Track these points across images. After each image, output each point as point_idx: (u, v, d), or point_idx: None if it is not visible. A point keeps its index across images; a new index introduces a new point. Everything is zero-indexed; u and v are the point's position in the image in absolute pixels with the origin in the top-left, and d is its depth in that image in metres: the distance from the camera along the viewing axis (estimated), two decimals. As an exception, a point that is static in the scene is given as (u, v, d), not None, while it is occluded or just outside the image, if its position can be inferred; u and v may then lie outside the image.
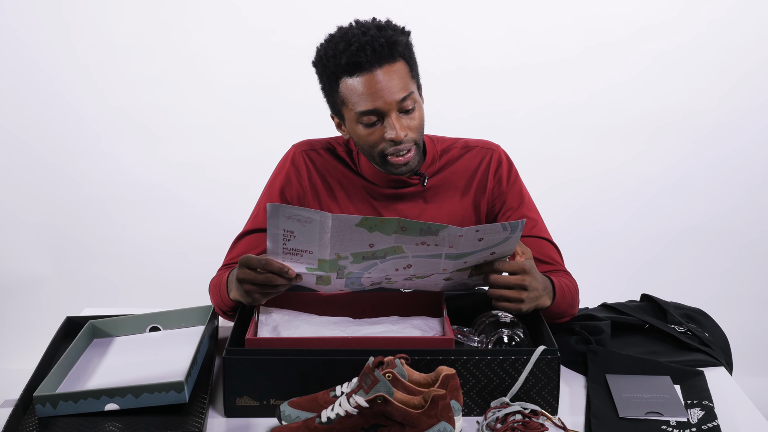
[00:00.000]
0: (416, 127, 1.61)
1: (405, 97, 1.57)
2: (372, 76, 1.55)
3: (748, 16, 3.12)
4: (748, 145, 3.21)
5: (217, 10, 3.13)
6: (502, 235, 1.40)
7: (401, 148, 1.60)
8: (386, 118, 1.57)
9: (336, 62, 1.56)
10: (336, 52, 1.56)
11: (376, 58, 1.54)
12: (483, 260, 1.46)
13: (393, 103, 1.56)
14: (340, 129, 1.70)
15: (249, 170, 2.91)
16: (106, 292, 3.26)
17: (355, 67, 1.55)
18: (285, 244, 1.38)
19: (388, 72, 1.55)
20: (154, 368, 1.48)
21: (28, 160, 3.20)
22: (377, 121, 1.58)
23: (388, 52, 1.55)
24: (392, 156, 1.61)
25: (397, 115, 1.58)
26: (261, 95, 3.18)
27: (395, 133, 1.57)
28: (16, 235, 3.24)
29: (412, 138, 1.61)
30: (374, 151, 1.62)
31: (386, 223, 1.35)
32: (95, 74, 3.16)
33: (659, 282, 3.13)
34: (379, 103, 1.56)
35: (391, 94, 1.55)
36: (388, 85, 1.55)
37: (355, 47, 1.54)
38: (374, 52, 1.53)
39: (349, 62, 1.54)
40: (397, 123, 1.57)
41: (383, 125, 1.58)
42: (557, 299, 1.57)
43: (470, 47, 3.14)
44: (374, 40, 1.54)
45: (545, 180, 3.11)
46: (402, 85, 1.57)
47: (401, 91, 1.56)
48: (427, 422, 1.22)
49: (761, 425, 1.38)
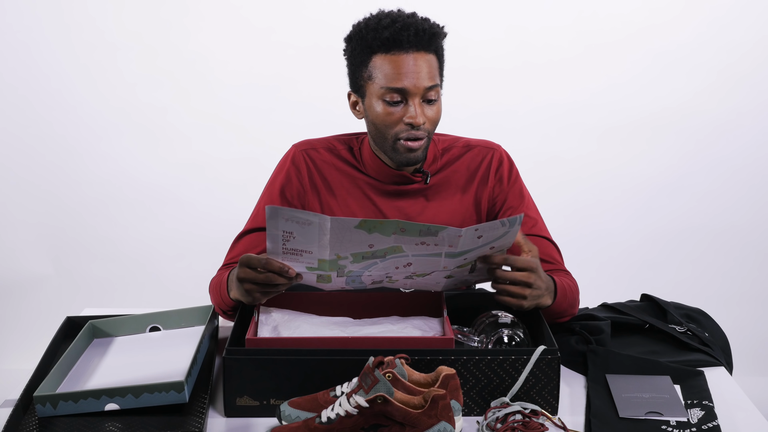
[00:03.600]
0: (433, 119, 1.64)
1: (431, 87, 1.61)
2: (406, 56, 1.59)
3: (748, 16, 3.13)
4: (748, 145, 3.21)
5: (217, 10, 3.13)
6: (501, 230, 1.41)
7: (417, 134, 1.62)
8: (409, 101, 1.61)
9: (377, 35, 1.60)
10: (379, 26, 1.60)
11: (416, 41, 1.58)
12: (483, 254, 1.46)
13: (421, 88, 1.60)
14: (354, 109, 1.72)
15: (249, 170, 2.92)
16: (106, 292, 3.26)
17: (394, 44, 1.58)
18: (285, 245, 1.39)
19: (422, 58, 1.60)
20: (154, 368, 1.48)
21: (28, 160, 3.20)
22: (400, 101, 1.61)
23: (428, 41, 1.60)
24: (405, 140, 1.63)
25: (420, 101, 1.61)
26: (261, 95, 3.18)
27: (416, 116, 1.60)
28: (16, 235, 3.24)
29: (427, 129, 1.64)
30: (389, 132, 1.64)
31: (385, 225, 1.35)
32: (95, 74, 3.16)
33: (659, 282, 3.13)
34: (408, 84, 1.59)
35: (421, 79, 1.59)
36: (420, 69, 1.59)
37: (400, 25, 1.58)
38: (416, 35, 1.58)
39: (390, 37, 1.58)
40: (419, 108, 1.61)
41: (405, 107, 1.61)
42: (558, 299, 1.57)
43: (470, 47, 3.14)
44: (419, 25, 1.59)
45: (545, 180, 3.11)
46: (431, 74, 1.61)
47: (429, 80, 1.60)
48: (427, 422, 1.22)
49: (761, 425, 1.38)
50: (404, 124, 1.61)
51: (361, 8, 1.67)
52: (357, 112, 1.71)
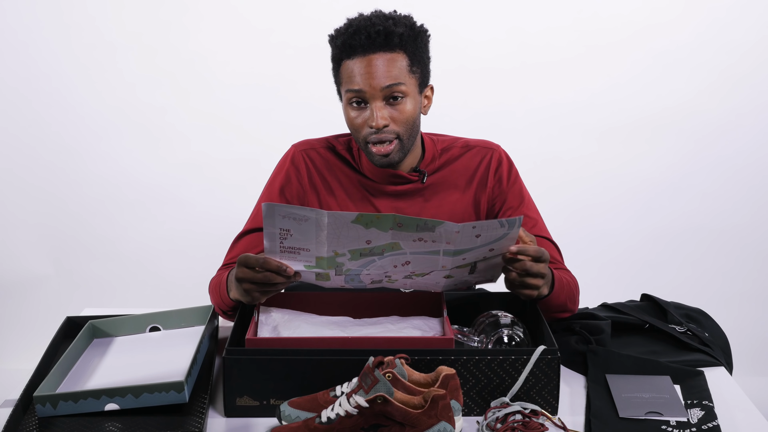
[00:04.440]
0: (401, 120, 1.63)
1: (391, 85, 1.59)
2: (364, 59, 1.59)
3: (748, 16, 3.13)
4: (748, 145, 3.21)
5: (217, 10, 3.13)
6: (500, 231, 1.40)
7: (382, 137, 1.62)
8: (370, 103, 1.61)
9: (335, 43, 1.63)
10: (338, 33, 1.63)
11: (369, 43, 1.58)
12: (482, 257, 1.46)
13: (377, 88, 1.59)
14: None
15: (248, 170, 2.91)
16: (106, 292, 3.26)
17: (350, 49, 1.60)
18: (282, 243, 1.39)
19: (381, 59, 1.59)
20: (154, 368, 1.48)
21: (28, 160, 3.20)
22: (363, 105, 1.62)
23: (384, 41, 1.59)
24: (373, 144, 1.64)
25: (381, 104, 1.61)
26: (261, 95, 3.18)
27: (374, 119, 1.60)
28: (16, 235, 3.24)
29: (394, 130, 1.63)
30: (359, 137, 1.66)
31: (382, 220, 1.35)
32: (95, 74, 3.16)
33: (660, 282, 3.13)
34: (363, 85, 1.59)
35: (376, 79, 1.59)
36: (375, 70, 1.59)
37: (353, 30, 1.59)
38: (368, 37, 1.58)
39: (344, 43, 1.60)
40: (378, 111, 1.60)
41: (368, 110, 1.61)
42: (556, 290, 1.56)
43: (470, 47, 3.14)
44: (372, 27, 1.59)
45: (545, 180, 3.11)
46: (390, 74, 1.59)
47: (387, 79, 1.59)
48: (427, 422, 1.22)
49: (761, 425, 1.38)
50: (368, 127, 1.62)
51: (361, 8, 1.67)
52: None
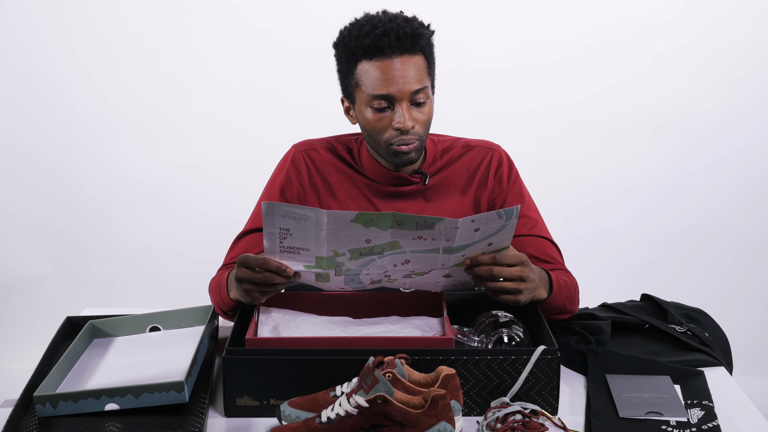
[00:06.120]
0: (424, 122, 1.63)
1: (419, 90, 1.59)
2: (391, 62, 1.57)
3: (748, 16, 3.13)
4: (748, 145, 3.21)
5: (218, 10, 3.13)
6: (498, 223, 1.40)
7: (407, 139, 1.62)
8: (396, 106, 1.60)
9: (358, 43, 1.59)
10: (360, 33, 1.59)
11: (398, 45, 1.57)
12: (481, 251, 1.46)
13: (407, 92, 1.58)
14: (348, 115, 1.72)
15: (249, 170, 2.91)
16: (106, 292, 3.26)
17: (376, 51, 1.57)
18: (282, 243, 1.39)
19: (407, 62, 1.58)
20: (154, 368, 1.48)
21: (28, 160, 3.20)
22: (387, 107, 1.61)
23: (411, 43, 1.58)
24: (397, 145, 1.62)
25: (408, 106, 1.60)
26: (261, 95, 3.18)
27: (403, 122, 1.59)
28: (16, 235, 3.24)
29: (418, 132, 1.63)
30: (380, 138, 1.63)
31: (382, 218, 1.36)
32: (95, 74, 3.16)
33: (659, 282, 3.13)
34: (393, 90, 1.58)
35: (406, 84, 1.58)
36: (405, 74, 1.58)
37: (380, 31, 1.57)
38: (398, 39, 1.56)
39: (371, 45, 1.57)
40: (407, 113, 1.60)
41: (393, 112, 1.60)
42: (554, 291, 1.56)
43: (470, 47, 3.14)
44: (399, 28, 1.57)
45: (545, 180, 3.11)
46: (418, 77, 1.59)
47: (416, 83, 1.59)
48: (427, 422, 1.22)
49: (761, 425, 1.38)
50: (393, 129, 1.61)
51: (361, 8, 1.67)
52: (351, 118, 1.71)
